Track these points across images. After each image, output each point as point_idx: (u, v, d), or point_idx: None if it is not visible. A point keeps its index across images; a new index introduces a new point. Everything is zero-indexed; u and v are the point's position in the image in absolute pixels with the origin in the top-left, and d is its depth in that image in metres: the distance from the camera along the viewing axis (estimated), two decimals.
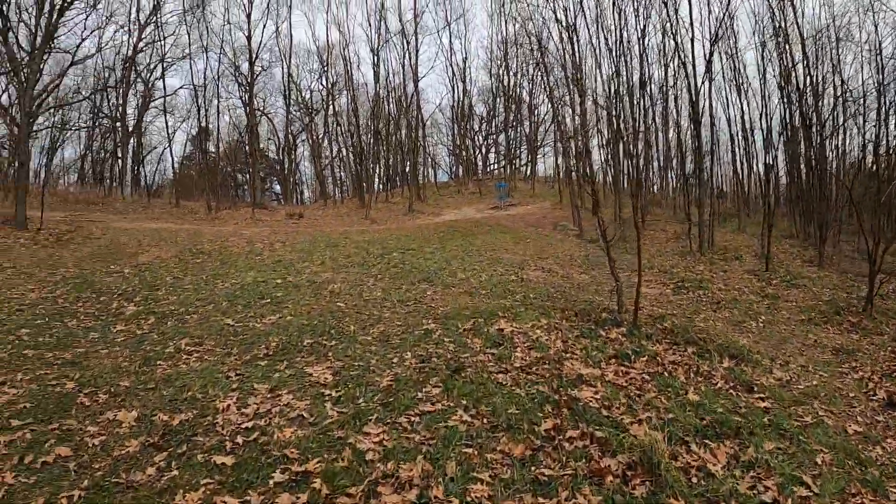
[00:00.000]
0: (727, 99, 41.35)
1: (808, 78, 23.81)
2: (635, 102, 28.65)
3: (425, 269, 13.64)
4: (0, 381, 6.32)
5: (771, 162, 24.66)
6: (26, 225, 18.57)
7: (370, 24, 45.31)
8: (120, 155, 41.74)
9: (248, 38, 37.00)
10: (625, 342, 8.53)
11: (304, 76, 48.45)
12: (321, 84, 45.96)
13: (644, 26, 28.38)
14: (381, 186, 46.16)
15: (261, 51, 39.94)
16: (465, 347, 7.53)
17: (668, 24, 24.51)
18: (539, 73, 47.32)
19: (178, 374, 6.57)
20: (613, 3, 27.76)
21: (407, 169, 43.02)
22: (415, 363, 6.83)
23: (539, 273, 14.65)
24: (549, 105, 47.58)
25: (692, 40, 23.69)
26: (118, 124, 40.55)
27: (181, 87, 56.19)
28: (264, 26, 45.16)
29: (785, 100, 24.98)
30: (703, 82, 23.06)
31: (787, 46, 24.02)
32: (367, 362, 6.89)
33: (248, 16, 37.24)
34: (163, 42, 37.84)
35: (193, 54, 37.65)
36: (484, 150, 58.36)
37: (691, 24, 26.16)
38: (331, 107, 44.96)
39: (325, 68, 44.04)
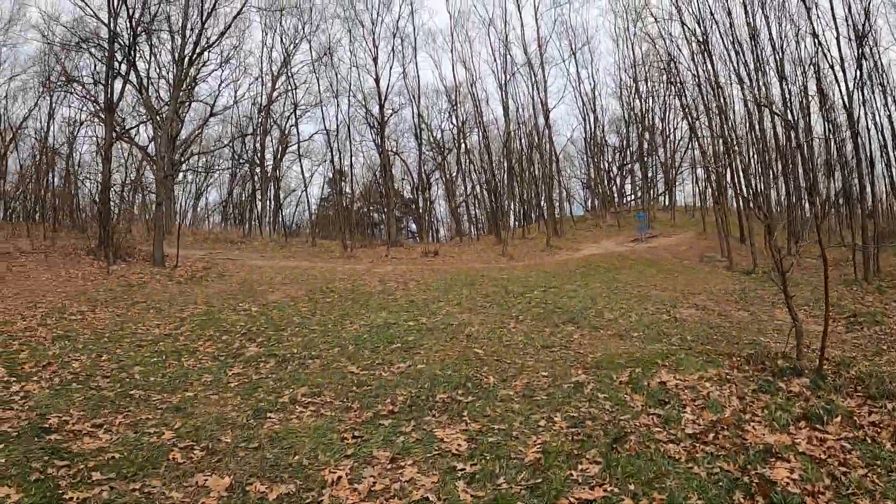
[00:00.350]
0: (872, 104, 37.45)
1: None
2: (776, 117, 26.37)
3: (569, 309, 12.77)
4: (98, 423, 6.04)
5: None
6: (164, 262, 19.38)
7: (495, 60, 45.13)
8: (259, 197, 43.93)
9: (377, 80, 38.19)
10: (811, 397, 7.23)
11: (434, 115, 48.86)
12: (451, 123, 46.34)
13: (780, 32, 26.27)
14: (516, 222, 45.69)
15: (390, 92, 41.03)
16: (624, 406, 6.54)
17: (809, 24, 22.14)
18: (671, 95, 45.72)
19: (288, 431, 5.92)
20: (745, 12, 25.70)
21: (542, 203, 42.26)
22: (566, 427, 5.83)
23: (693, 311, 13.39)
24: (686, 128, 45.82)
25: (838, 39, 21.22)
26: (258, 169, 42.66)
27: (316, 133, 58.97)
28: (391, 68, 46.22)
29: None
30: (854, 87, 20.63)
31: None
32: (508, 425, 5.96)
33: (375, 59, 38.48)
34: (294, 91, 39.52)
35: (325, 101, 39.31)
36: (619, 181, 56.65)
37: (834, 20, 22.61)
38: (462, 144, 45.20)
39: (455, 107, 44.36)
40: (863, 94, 20.91)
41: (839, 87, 20.95)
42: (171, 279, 17.30)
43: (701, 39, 24.60)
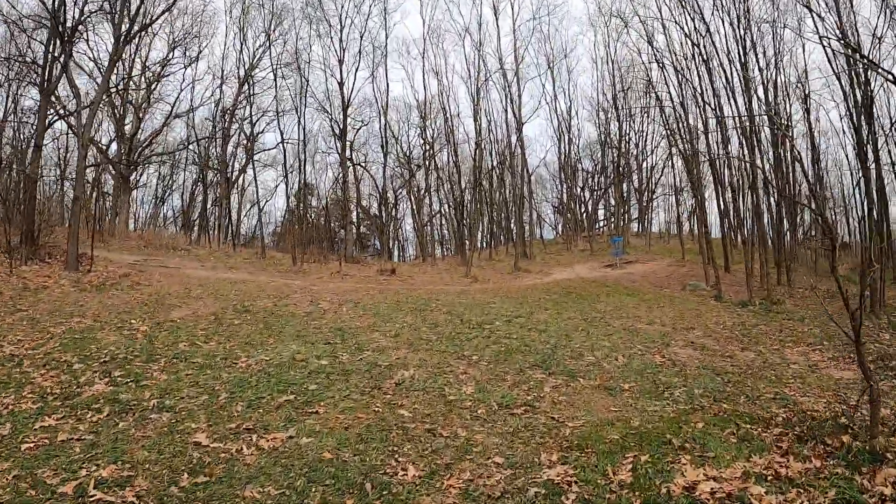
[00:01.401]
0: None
1: None
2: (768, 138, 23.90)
3: (539, 348, 9.83)
4: None
5: None
6: (77, 265, 16.23)
7: (469, 71, 41.97)
8: (220, 205, 40.63)
9: (341, 84, 35.09)
10: None
11: (404, 130, 46.00)
12: (422, 138, 43.45)
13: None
14: (484, 244, 42.81)
15: (355, 99, 38.05)
16: None
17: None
18: (649, 118, 43.57)
19: None
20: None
21: (512, 225, 39.43)
22: None
23: (691, 352, 10.54)
24: (662, 153, 43.62)
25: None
26: (218, 176, 39.44)
27: (282, 142, 55.61)
28: (356, 70, 42.96)
29: None
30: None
31: None
32: None
33: (341, 62, 35.43)
34: (253, 96, 36.25)
35: (292, 108, 36.13)
36: (591, 206, 54.24)
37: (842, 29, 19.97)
38: (432, 161, 42.35)
39: (425, 121, 41.51)
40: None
41: (846, 101, 18.39)
42: (76, 285, 14.14)
43: (693, 51, 22.13)
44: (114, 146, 33.74)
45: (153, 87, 34.61)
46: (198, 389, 7.12)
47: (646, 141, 46.52)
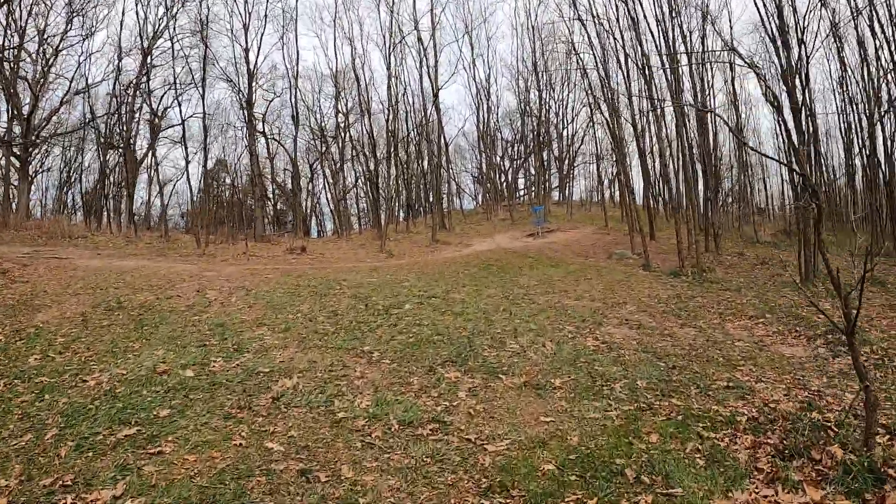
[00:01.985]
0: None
1: None
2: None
3: (454, 336, 8.32)
4: None
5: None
6: None
7: (384, 39, 39.56)
8: (125, 187, 37.21)
9: (246, 50, 32.30)
10: None
11: (318, 102, 43.44)
12: (336, 109, 40.99)
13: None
14: (402, 216, 41.06)
15: (262, 66, 35.21)
16: None
17: None
18: (566, 90, 42.68)
19: None
20: None
21: (430, 196, 37.78)
22: None
23: (627, 331, 9.28)
24: (583, 121, 42.84)
25: None
26: (122, 157, 36.02)
27: (191, 117, 51.94)
28: (262, 34, 39.83)
29: None
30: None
31: None
32: None
33: (246, 27, 32.61)
34: (151, 70, 32.50)
35: (198, 81, 32.85)
36: (511, 176, 53.18)
37: None
38: (347, 133, 40.05)
39: (339, 91, 39.09)
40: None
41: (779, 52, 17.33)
42: None
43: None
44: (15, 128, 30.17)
45: (51, 61, 30.91)
46: (25, 424, 5.31)
47: (566, 109, 45.77)
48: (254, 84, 33.67)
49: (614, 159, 33.61)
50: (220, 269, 15.39)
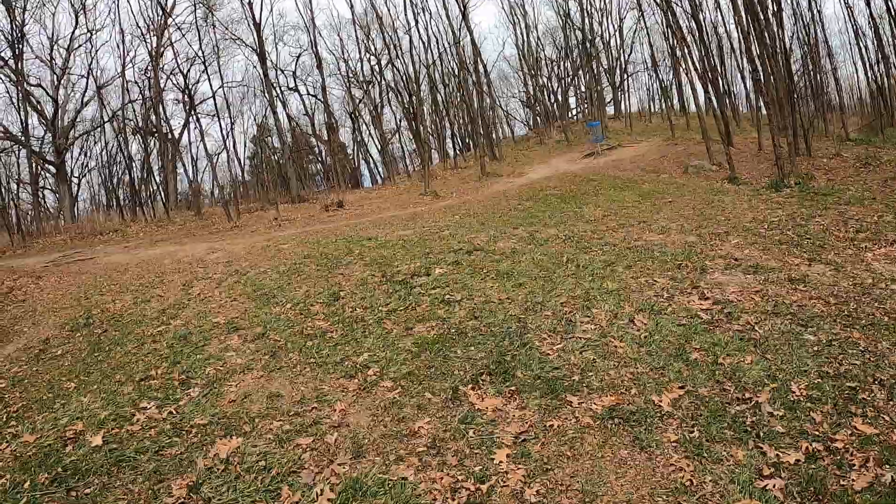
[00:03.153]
0: None
1: None
2: None
3: (497, 318, 5.62)
4: None
5: None
6: None
7: None
8: (164, 171, 35.76)
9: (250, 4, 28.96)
10: None
11: (345, 49, 40.12)
12: (368, 52, 37.63)
13: None
14: (450, 152, 37.99)
15: (280, 24, 32.00)
16: None
17: None
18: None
19: None
20: None
21: (479, 128, 34.40)
22: None
23: (742, 278, 6.45)
24: (632, 27, 38.35)
25: None
26: (153, 140, 34.31)
27: (221, 87, 49.72)
28: None
29: None
30: None
31: None
32: None
33: None
34: (172, 44, 30.15)
35: (212, 55, 30.01)
36: (560, 95, 48.93)
37: None
38: (381, 76, 36.85)
39: (367, 33, 35.71)
40: None
41: None
42: None
43: None
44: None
45: (68, 62, 29.10)
46: None
47: (611, 16, 41.36)
48: (262, 34, 30.42)
49: (671, 63, 29.67)
50: (233, 245, 12.93)
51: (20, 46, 25.16)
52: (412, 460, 3.47)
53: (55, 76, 28.62)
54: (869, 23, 23.26)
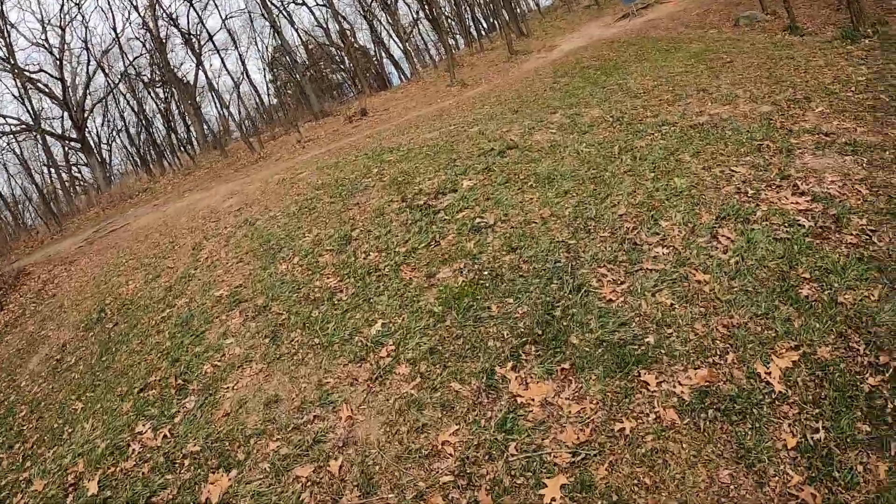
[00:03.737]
0: None
1: None
2: None
3: (541, 249, 4.50)
4: None
5: None
6: None
7: None
8: (184, 118, 34.79)
9: None
10: None
11: None
12: None
13: None
14: (479, 34, 35.48)
15: None
16: None
17: None
18: None
19: None
20: None
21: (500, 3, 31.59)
22: None
23: (840, 162, 5.03)
24: None
25: None
26: (169, 89, 33.13)
27: (228, 17, 47.33)
28: None
29: None
30: None
31: None
32: None
33: None
34: None
35: None
36: None
37: None
38: None
39: None
40: None
41: None
42: None
43: None
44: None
45: (64, 39, 28.72)
46: None
47: None
48: None
49: None
50: (252, 183, 11.78)
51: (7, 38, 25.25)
52: (435, 499, 2.51)
53: (56, 59, 28.41)
54: None
